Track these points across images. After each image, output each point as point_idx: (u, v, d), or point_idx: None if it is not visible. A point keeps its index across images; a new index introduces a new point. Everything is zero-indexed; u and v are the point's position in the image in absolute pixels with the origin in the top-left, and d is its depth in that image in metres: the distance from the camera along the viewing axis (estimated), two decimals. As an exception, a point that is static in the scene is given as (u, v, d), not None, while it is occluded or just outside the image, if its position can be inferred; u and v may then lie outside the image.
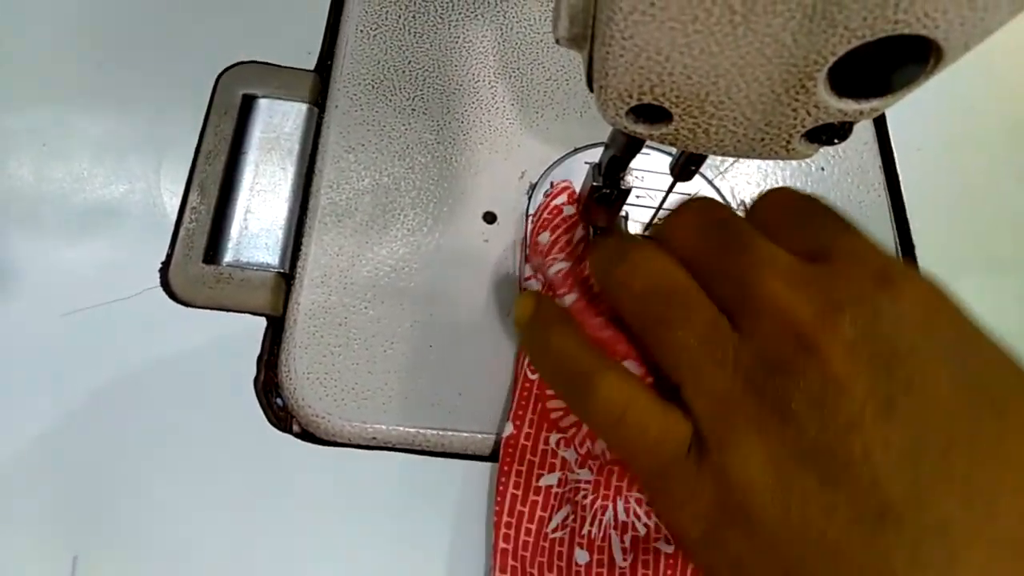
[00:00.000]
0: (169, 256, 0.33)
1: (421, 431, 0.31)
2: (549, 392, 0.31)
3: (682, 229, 0.27)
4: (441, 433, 0.31)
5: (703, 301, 0.25)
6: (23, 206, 0.34)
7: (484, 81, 0.39)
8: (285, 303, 0.33)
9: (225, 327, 0.32)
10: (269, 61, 0.39)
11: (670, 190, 0.33)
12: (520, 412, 0.31)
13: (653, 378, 0.27)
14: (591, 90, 0.23)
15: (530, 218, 0.34)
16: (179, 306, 0.33)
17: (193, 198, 0.35)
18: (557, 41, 0.23)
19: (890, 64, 0.20)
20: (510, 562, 0.28)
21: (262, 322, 0.33)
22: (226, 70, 0.38)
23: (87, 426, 0.30)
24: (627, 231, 0.30)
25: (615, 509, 0.28)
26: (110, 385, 0.31)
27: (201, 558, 0.29)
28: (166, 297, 0.33)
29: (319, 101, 0.38)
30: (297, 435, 0.31)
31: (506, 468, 0.30)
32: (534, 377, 0.31)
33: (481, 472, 0.31)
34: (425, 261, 0.34)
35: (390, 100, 0.38)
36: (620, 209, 0.33)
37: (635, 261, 0.26)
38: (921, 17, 0.17)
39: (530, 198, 0.36)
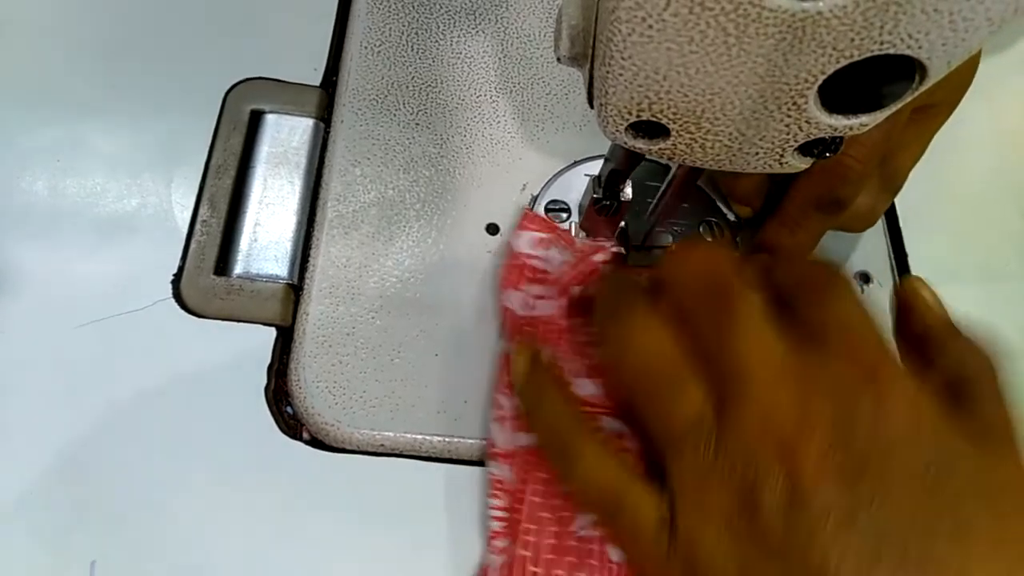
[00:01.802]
0: (181, 268, 0.34)
1: (428, 438, 0.32)
2: None
3: (682, 285, 0.27)
4: (448, 440, 0.32)
5: (691, 386, 0.25)
6: (38, 220, 0.35)
7: (486, 95, 0.40)
8: (294, 313, 0.34)
9: (236, 337, 0.33)
10: (276, 77, 0.40)
11: (660, 199, 0.34)
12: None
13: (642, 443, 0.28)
14: (592, 107, 0.24)
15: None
16: (191, 317, 0.33)
17: (204, 211, 0.36)
18: (558, 60, 0.24)
19: (877, 81, 0.21)
20: (530, 568, 0.28)
21: (272, 332, 0.34)
22: (234, 86, 0.39)
23: (102, 435, 0.31)
24: (627, 273, 0.31)
25: None
26: (124, 395, 0.32)
27: (213, 563, 0.29)
28: (178, 308, 0.33)
29: (325, 116, 0.39)
30: (307, 443, 0.32)
31: (524, 477, 0.30)
32: None
33: (485, 478, 0.31)
34: (430, 272, 0.35)
35: (394, 115, 0.39)
36: (620, 220, 0.34)
37: (631, 331, 0.27)
38: (905, 38, 0.18)
39: (532, 210, 0.37)
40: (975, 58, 0.32)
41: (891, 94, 0.21)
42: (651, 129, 0.23)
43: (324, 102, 0.39)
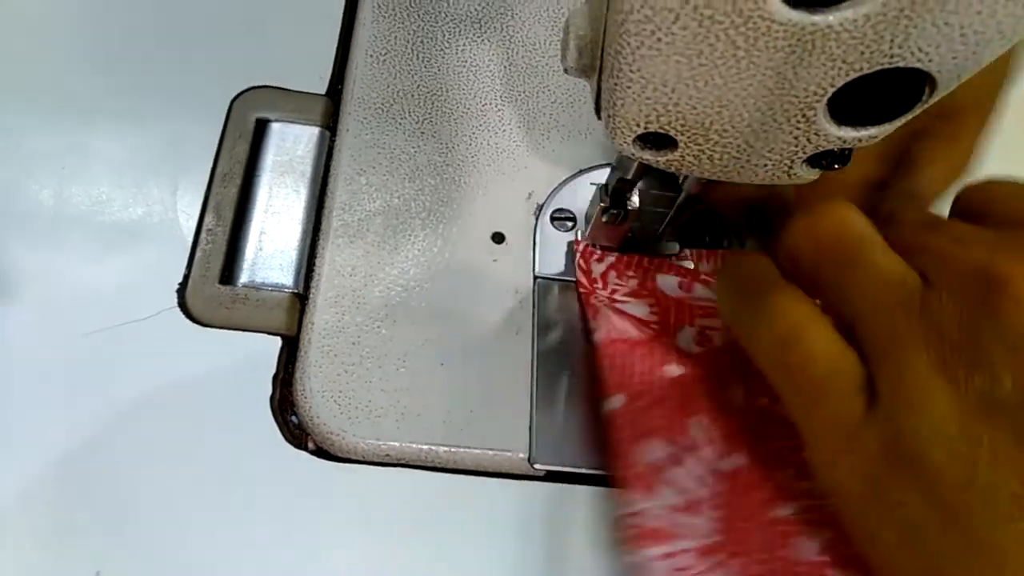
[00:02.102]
0: (186, 277, 0.34)
1: (433, 448, 0.32)
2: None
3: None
4: (453, 450, 0.32)
5: (893, 253, 0.23)
6: (43, 227, 0.35)
7: (491, 104, 0.40)
8: (299, 323, 0.34)
9: (241, 346, 0.33)
10: (281, 86, 0.40)
11: (677, 209, 0.34)
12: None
13: None
14: (599, 118, 0.24)
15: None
16: (196, 326, 0.33)
17: (209, 220, 0.36)
18: (566, 70, 0.24)
19: (887, 94, 0.20)
20: None
21: (277, 341, 0.34)
22: (240, 95, 0.39)
23: (106, 443, 0.31)
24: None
25: None
26: (129, 404, 0.32)
27: (218, 572, 0.29)
28: (183, 317, 0.33)
29: (331, 125, 0.39)
30: (312, 452, 0.32)
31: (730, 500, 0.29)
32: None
33: (493, 488, 0.32)
34: (436, 281, 0.35)
35: (400, 123, 0.39)
36: (628, 229, 0.34)
37: (822, 209, 0.25)
38: (915, 51, 0.18)
39: (537, 218, 0.37)
40: (1004, 59, 0.31)
41: (901, 107, 0.21)
42: (659, 140, 0.23)
43: (329, 111, 0.39)
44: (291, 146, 0.38)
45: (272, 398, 0.32)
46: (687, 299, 0.32)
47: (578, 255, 0.35)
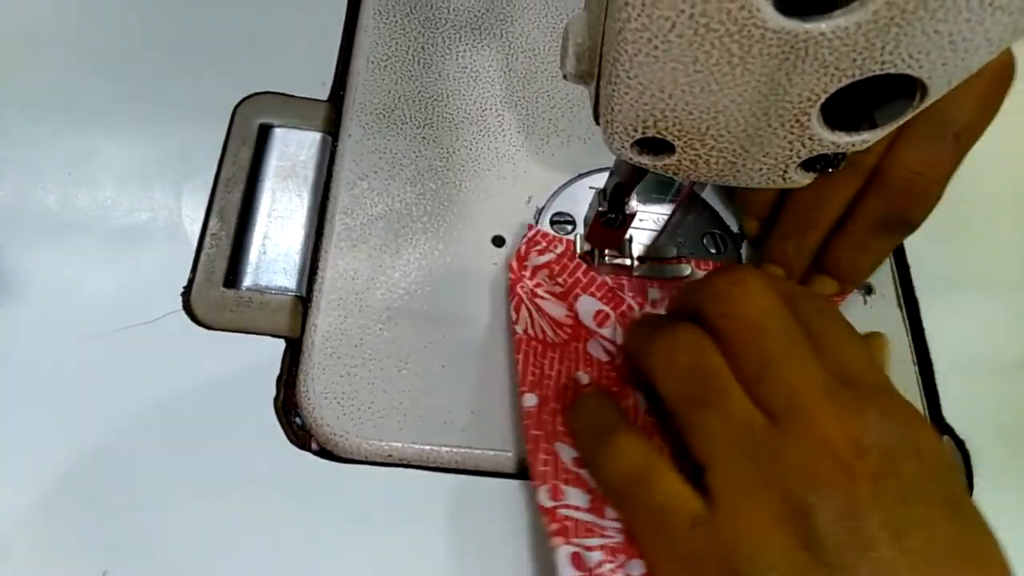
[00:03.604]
0: (191, 281, 0.35)
1: (435, 448, 0.32)
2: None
3: (724, 318, 0.28)
4: (454, 450, 0.32)
5: (740, 393, 0.26)
6: (50, 232, 0.35)
7: (491, 109, 0.41)
8: (303, 325, 0.34)
9: (245, 349, 0.34)
10: (284, 92, 0.40)
11: (673, 213, 0.34)
12: None
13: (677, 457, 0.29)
14: (597, 123, 0.24)
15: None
16: (201, 329, 0.34)
17: (213, 224, 0.36)
18: (565, 77, 0.24)
19: (879, 100, 0.21)
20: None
21: (281, 344, 0.34)
22: (243, 101, 0.40)
23: (112, 446, 0.31)
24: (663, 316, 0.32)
25: None
26: (133, 406, 0.32)
27: (222, 573, 0.30)
28: (188, 320, 0.34)
29: (333, 130, 0.40)
30: (316, 453, 0.32)
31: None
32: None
33: (494, 488, 0.32)
34: (437, 284, 0.36)
35: (401, 129, 0.39)
36: (625, 233, 0.34)
37: (679, 339, 0.28)
38: (906, 58, 0.19)
39: (536, 222, 0.38)
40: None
41: (892, 112, 0.21)
42: (656, 145, 0.23)
43: (332, 116, 0.40)
44: (294, 151, 0.39)
45: (276, 400, 0.33)
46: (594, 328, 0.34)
47: (524, 239, 0.35)
